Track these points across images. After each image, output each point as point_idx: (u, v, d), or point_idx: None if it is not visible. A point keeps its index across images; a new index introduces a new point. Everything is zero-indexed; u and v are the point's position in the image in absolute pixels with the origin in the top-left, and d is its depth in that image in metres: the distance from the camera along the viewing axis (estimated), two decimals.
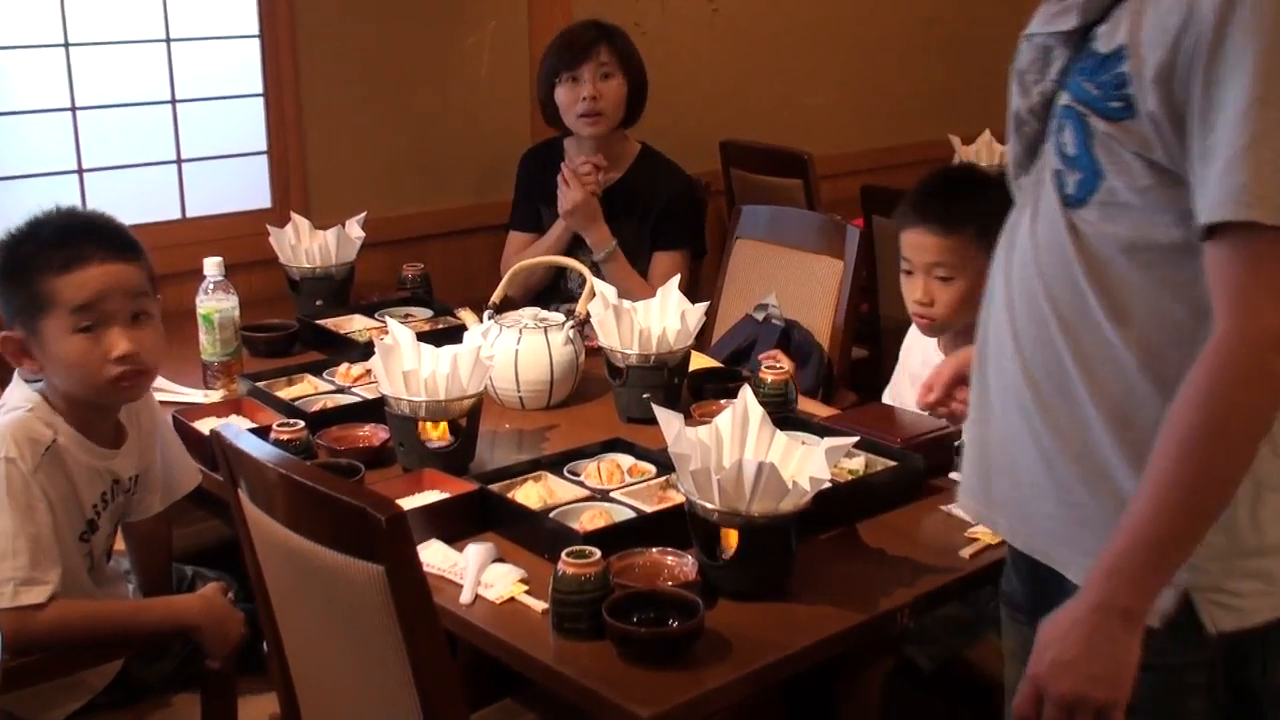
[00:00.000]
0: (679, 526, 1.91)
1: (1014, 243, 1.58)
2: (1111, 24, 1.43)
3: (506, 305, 2.78)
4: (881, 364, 3.83)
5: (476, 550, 1.93)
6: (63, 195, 3.32)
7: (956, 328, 2.41)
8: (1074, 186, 1.47)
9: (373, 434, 2.39)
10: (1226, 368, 1.34)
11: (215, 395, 2.69)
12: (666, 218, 3.30)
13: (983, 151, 4.56)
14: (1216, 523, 1.40)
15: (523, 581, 1.88)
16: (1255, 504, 1.44)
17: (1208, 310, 1.38)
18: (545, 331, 2.61)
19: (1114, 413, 1.47)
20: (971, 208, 2.36)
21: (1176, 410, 1.37)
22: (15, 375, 2.12)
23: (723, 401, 2.44)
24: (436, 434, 2.27)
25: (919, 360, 2.54)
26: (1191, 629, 1.45)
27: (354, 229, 3.26)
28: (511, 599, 1.85)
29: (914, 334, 2.59)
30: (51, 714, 2.10)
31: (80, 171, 3.37)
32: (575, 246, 3.28)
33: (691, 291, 3.17)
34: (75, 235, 2.03)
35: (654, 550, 1.91)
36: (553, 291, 3.31)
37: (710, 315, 3.19)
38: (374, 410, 2.41)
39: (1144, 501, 1.39)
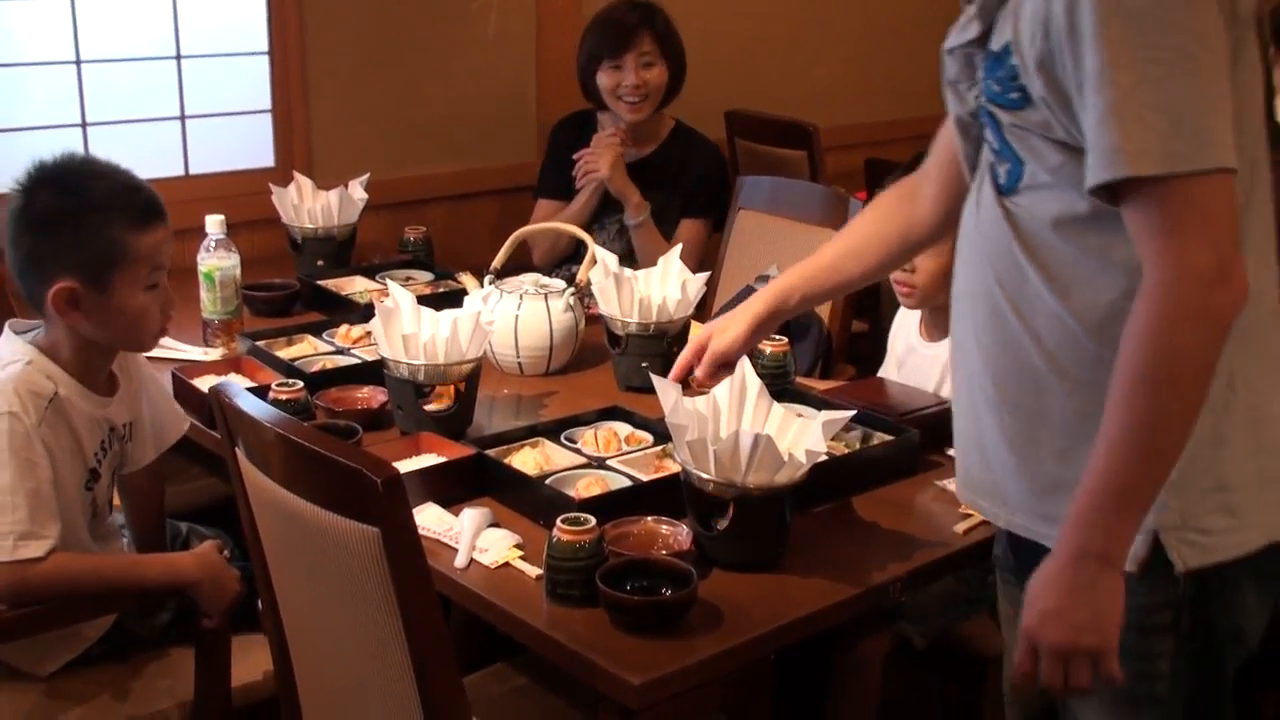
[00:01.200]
0: (675, 496, 1.92)
1: (963, 236, 1.68)
2: (1000, 23, 1.53)
3: (508, 270, 2.78)
4: (881, 338, 3.82)
5: (472, 515, 1.94)
6: (65, 148, 3.31)
7: (936, 303, 2.41)
8: (1004, 176, 1.57)
9: (371, 396, 2.39)
10: (1161, 312, 1.39)
11: (215, 353, 2.69)
12: (697, 190, 3.38)
13: None
14: (1180, 461, 1.45)
15: (517, 547, 1.89)
16: (1216, 441, 1.49)
17: (1137, 268, 1.44)
18: (545, 298, 2.61)
19: (1074, 381, 1.53)
20: None
21: (1121, 359, 1.42)
22: (6, 329, 2.11)
23: (721, 372, 2.44)
24: (435, 398, 2.27)
25: (903, 345, 2.55)
26: (1160, 569, 1.51)
27: (356, 190, 3.26)
28: (506, 564, 1.86)
29: (901, 318, 2.59)
30: (46, 665, 2.11)
31: (84, 125, 3.36)
32: (602, 213, 3.34)
33: (708, 259, 3.26)
34: (143, 193, 2.07)
35: (649, 519, 1.91)
36: (575, 258, 3.32)
37: (711, 285, 3.19)
38: (373, 372, 2.42)
39: (1102, 448, 1.44)
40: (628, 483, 2.05)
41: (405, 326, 2.29)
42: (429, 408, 2.27)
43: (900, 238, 1.95)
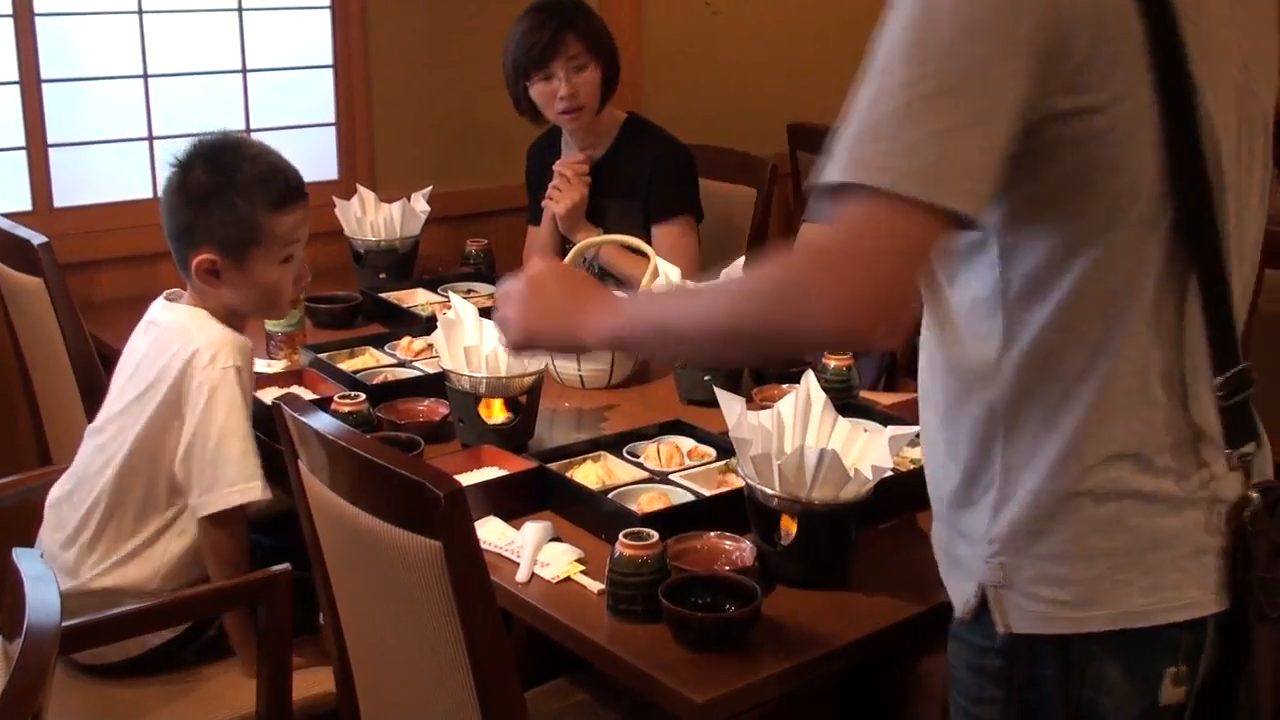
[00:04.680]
0: (738, 511, 1.90)
1: None
2: None
3: None
4: None
5: (534, 529, 1.93)
6: (133, 163, 3.36)
7: None
8: None
9: (433, 409, 2.39)
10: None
11: (278, 365, 2.70)
12: (656, 187, 3.16)
13: None
14: (1009, 521, 1.37)
15: (579, 561, 1.88)
16: (1054, 506, 1.36)
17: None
18: None
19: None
20: None
21: (743, 288, 1.41)
22: (160, 300, 2.27)
23: (784, 386, 2.42)
24: (497, 411, 2.27)
25: None
26: (989, 620, 1.41)
27: (419, 203, 3.27)
28: (568, 578, 1.85)
29: None
30: (111, 655, 2.15)
31: (150, 139, 3.39)
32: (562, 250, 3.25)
33: (701, 260, 3.14)
34: (286, 176, 2.24)
35: (712, 534, 1.90)
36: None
37: None
38: (435, 385, 2.42)
39: (692, 305, 1.45)
40: (690, 498, 2.03)
41: (467, 339, 2.28)
42: (491, 420, 2.26)
43: None
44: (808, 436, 1.92)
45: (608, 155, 3.23)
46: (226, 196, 2.17)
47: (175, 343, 2.16)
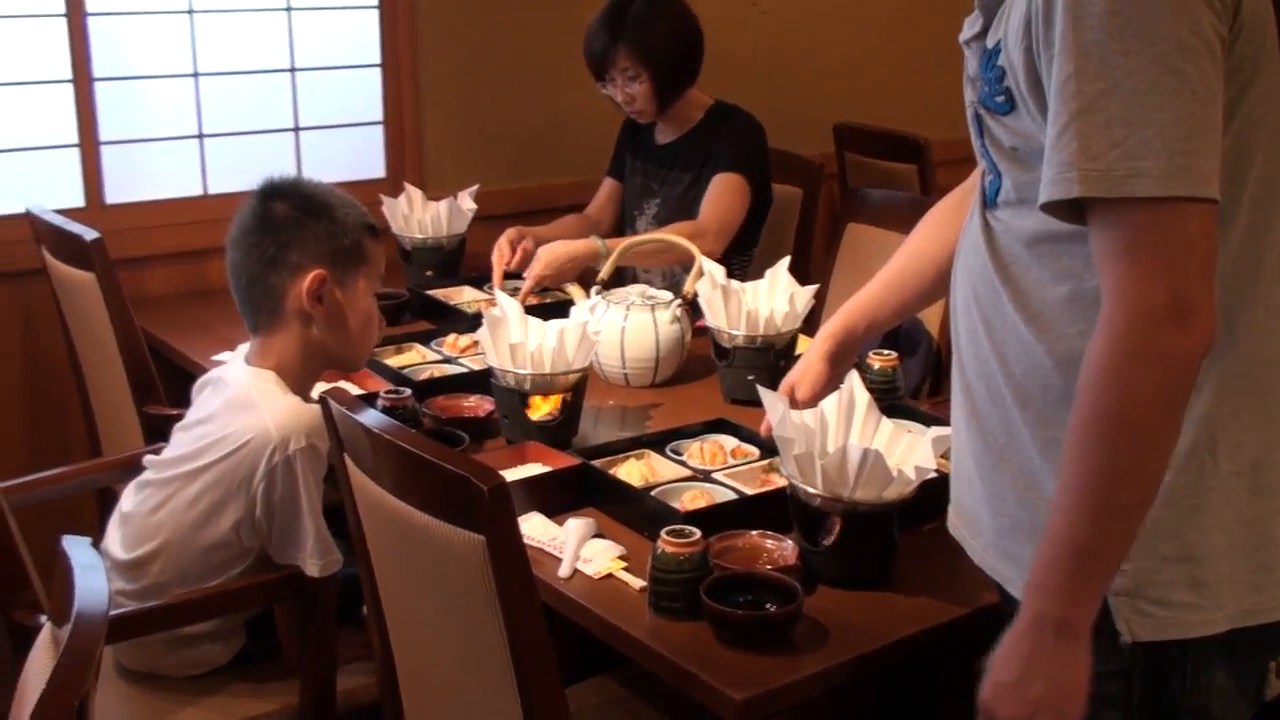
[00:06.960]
0: (780, 510, 1.90)
1: (958, 244, 1.58)
2: (998, 19, 1.41)
3: (614, 282, 2.78)
4: None
5: (576, 525, 1.93)
6: (183, 160, 3.39)
7: None
8: (989, 187, 1.46)
9: (478, 405, 2.40)
10: (1110, 352, 1.25)
11: None
12: (725, 147, 3.17)
13: None
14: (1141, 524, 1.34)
15: (622, 558, 1.88)
16: (1190, 506, 1.35)
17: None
18: (652, 309, 2.61)
19: (1036, 415, 1.42)
20: None
21: (1075, 403, 1.29)
22: (240, 362, 2.14)
23: None
24: (541, 407, 2.27)
25: None
26: (1111, 636, 1.38)
27: (466, 201, 3.29)
28: (610, 575, 1.85)
29: None
30: (173, 671, 2.16)
31: (201, 137, 3.42)
32: (641, 198, 3.30)
33: (748, 232, 3.17)
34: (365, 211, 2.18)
35: (754, 533, 1.90)
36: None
37: (820, 299, 3.15)
38: (480, 381, 2.43)
39: (1056, 503, 1.31)
40: (733, 496, 2.04)
41: (513, 336, 2.29)
42: (535, 417, 2.27)
43: (950, 254, 1.75)
44: (851, 436, 1.92)
45: (686, 136, 3.26)
46: (328, 213, 2.07)
47: (241, 416, 2.03)
